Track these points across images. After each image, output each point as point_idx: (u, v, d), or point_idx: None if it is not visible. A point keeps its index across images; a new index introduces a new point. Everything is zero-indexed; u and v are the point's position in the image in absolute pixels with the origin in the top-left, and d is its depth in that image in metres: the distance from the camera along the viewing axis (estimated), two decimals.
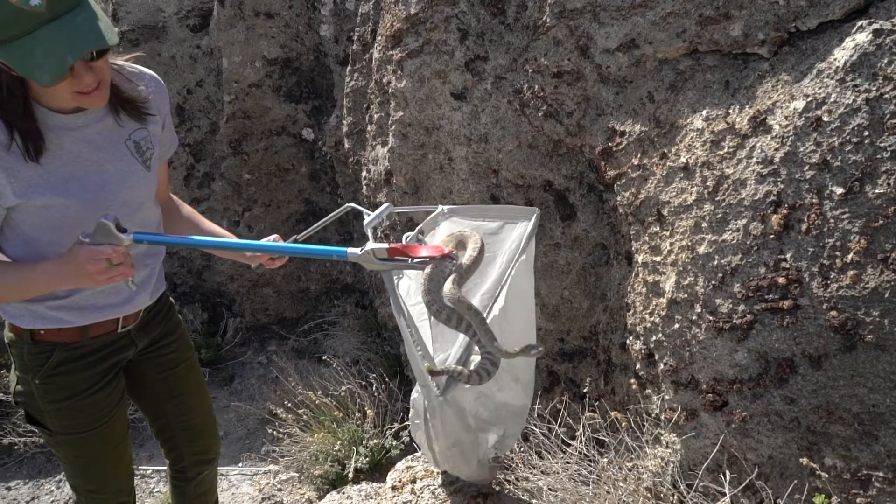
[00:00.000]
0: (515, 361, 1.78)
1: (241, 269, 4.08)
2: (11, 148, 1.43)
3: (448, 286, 1.54)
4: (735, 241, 1.76)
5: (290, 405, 2.99)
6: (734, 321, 1.77)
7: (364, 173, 3.05)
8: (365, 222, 1.81)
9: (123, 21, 3.84)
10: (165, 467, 2.16)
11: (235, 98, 3.71)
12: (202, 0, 3.82)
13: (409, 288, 1.89)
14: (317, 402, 2.97)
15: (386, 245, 1.54)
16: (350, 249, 1.55)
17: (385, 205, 1.81)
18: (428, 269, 1.56)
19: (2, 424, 3.55)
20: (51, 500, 3.35)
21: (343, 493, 2.66)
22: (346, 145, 3.21)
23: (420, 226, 1.88)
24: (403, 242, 1.81)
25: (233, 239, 1.72)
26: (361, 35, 3.03)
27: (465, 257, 1.61)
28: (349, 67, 3.12)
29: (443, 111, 2.47)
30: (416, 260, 1.56)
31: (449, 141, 2.48)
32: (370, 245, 1.53)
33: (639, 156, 2.03)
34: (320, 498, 2.86)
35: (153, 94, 1.68)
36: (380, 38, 2.71)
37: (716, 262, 1.80)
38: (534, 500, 2.18)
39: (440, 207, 1.90)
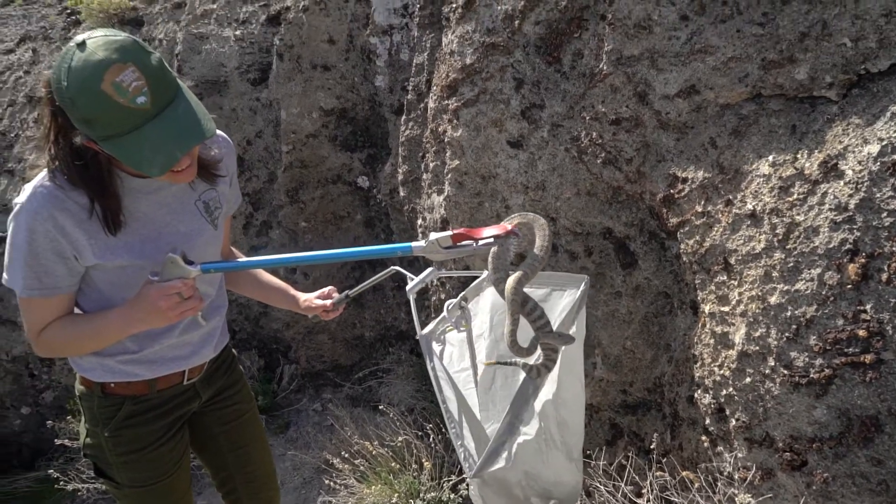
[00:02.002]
0: (567, 437, 1.71)
1: (298, 316, 4.11)
2: (92, 217, 1.48)
3: (510, 283, 1.49)
4: (809, 292, 1.68)
5: (346, 455, 2.96)
6: (811, 375, 1.68)
7: (420, 221, 3.06)
8: (408, 287, 1.77)
9: (188, 76, 3.99)
10: None
11: (293, 148, 3.79)
12: (262, 54, 3.94)
13: (452, 355, 1.83)
14: (373, 452, 2.94)
15: (449, 232, 1.51)
16: (414, 243, 1.53)
17: (429, 269, 1.77)
18: (493, 250, 1.52)
19: (66, 470, 3.61)
20: None
21: None
22: (402, 193, 3.23)
23: (464, 293, 1.84)
24: (446, 310, 1.77)
25: (293, 255, 1.68)
26: (416, 85, 3.07)
27: (537, 247, 1.53)
28: (404, 117, 3.16)
29: (499, 159, 2.47)
30: (481, 242, 1.51)
31: (505, 189, 2.47)
32: (434, 235, 1.50)
33: (702, 203, 1.97)
34: None
35: (224, 155, 1.73)
36: (435, 87, 2.74)
37: (789, 314, 1.72)
38: None
39: (485, 272, 1.82)
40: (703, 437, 2.00)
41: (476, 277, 1.86)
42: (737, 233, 1.87)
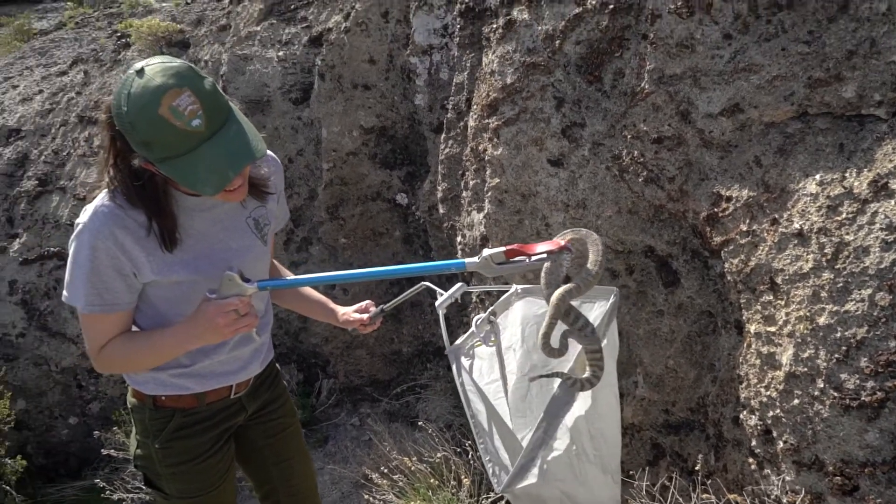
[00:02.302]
0: (603, 450, 1.69)
1: (336, 331, 4.16)
2: (150, 235, 1.54)
3: (559, 291, 1.49)
4: (860, 312, 1.66)
5: (385, 470, 2.98)
6: (863, 398, 1.64)
7: (459, 238, 3.08)
8: (437, 303, 1.78)
9: (233, 96, 4.09)
10: None
11: (333, 166, 3.85)
12: (304, 74, 4.02)
13: (482, 368, 1.82)
14: (412, 468, 2.95)
15: (503, 248, 1.51)
16: (468, 260, 1.54)
17: (458, 284, 1.78)
18: (546, 265, 1.52)
19: (112, 480, 3.69)
20: None
21: None
22: (441, 210, 3.26)
23: (492, 307, 1.83)
24: (475, 325, 1.76)
25: (344, 272, 1.77)
26: (456, 104, 3.10)
27: (590, 262, 1.53)
28: (444, 135, 3.19)
29: (539, 177, 2.48)
30: (534, 258, 1.51)
31: (546, 207, 2.48)
32: (487, 251, 1.51)
33: (747, 221, 1.96)
34: None
35: (273, 174, 1.78)
36: (475, 106, 2.77)
37: (839, 335, 1.70)
38: None
39: (514, 287, 1.83)
40: (750, 459, 1.97)
41: (505, 291, 1.85)
42: (783, 252, 1.85)
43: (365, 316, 1.95)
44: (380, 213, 3.95)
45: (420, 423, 3.19)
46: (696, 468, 2.14)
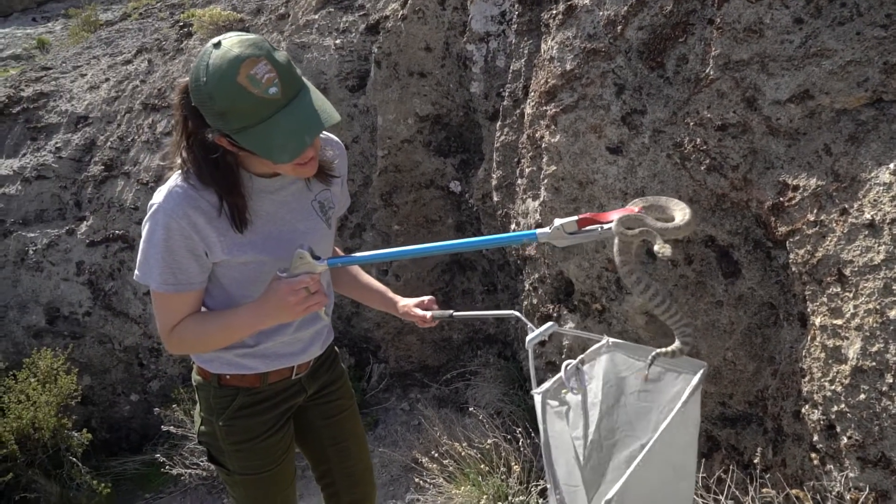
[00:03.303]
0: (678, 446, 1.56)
1: (388, 317, 4.21)
2: (221, 215, 1.58)
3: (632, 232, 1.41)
4: None
5: (435, 455, 3.01)
6: None
7: (513, 226, 3.08)
8: (528, 339, 1.68)
9: None
10: None
11: (388, 153, 3.89)
12: (360, 62, 4.06)
13: (569, 416, 1.67)
14: (462, 453, 2.97)
15: (576, 217, 1.48)
16: (539, 231, 1.51)
17: (549, 323, 1.68)
18: (617, 239, 1.45)
19: (171, 455, 3.82)
20: None
21: None
22: (495, 198, 3.26)
23: (582, 356, 1.74)
24: (564, 370, 1.67)
25: (411, 247, 1.69)
26: (512, 91, 3.09)
27: (677, 219, 1.43)
28: (499, 122, 3.19)
29: (597, 165, 2.46)
30: (606, 226, 1.46)
31: (603, 195, 2.45)
32: (559, 221, 1.48)
33: (815, 211, 1.91)
34: None
35: (337, 157, 1.81)
36: (533, 93, 2.76)
37: None
38: None
39: (605, 339, 1.74)
40: (812, 455, 1.93)
41: (596, 341, 1.76)
42: (853, 243, 1.80)
43: (428, 314, 1.90)
44: (433, 201, 3.97)
45: (470, 409, 3.21)
46: (755, 461, 2.10)
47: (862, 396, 1.75)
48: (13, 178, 5.08)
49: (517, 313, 1.84)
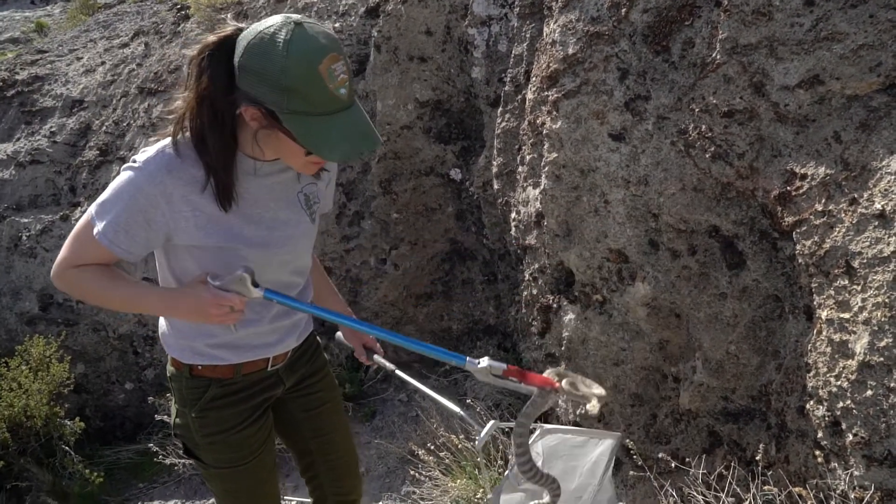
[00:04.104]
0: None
1: (386, 307, 4.16)
2: (205, 192, 1.51)
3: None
4: None
5: (431, 447, 2.96)
6: None
7: (513, 214, 3.02)
8: (477, 442, 1.78)
9: None
10: (310, 501, 2.19)
11: (387, 139, 3.82)
12: (360, 46, 3.99)
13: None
14: (459, 445, 2.92)
15: (504, 365, 1.57)
16: (470, 360, 1.59)
17: (491, 423, 1.76)
18: (534, 396, 1.60)
19: (165, 445, 3.78)
20: None
21: None
22: (496, 186, 3.20)
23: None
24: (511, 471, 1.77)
25: (354, 320, 1.73)
26: (514, 76, 3.02)
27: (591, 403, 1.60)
28: (501, 108, 3.12)
29: (600, 152, 2.39)
30: (525, 386, 1.60)
31: (605, 183, 2.39)
32: (488, 361, 1.57)
33: (823, 201, 1.84)
34: None
35: None
36: (534, 78, 2.69)
37: None
38: None
39: (542, 426, 1.84)
40: (816, 452, 1.87)
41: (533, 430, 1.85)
42: (862, 234, 1.74)
43: (363, 357, 2.07)
44: (433, 189, 3.91)
45: (468, 401, 3.16)
46: (757, 458, 2.05)
47: (869, 392, 1.70)
48: (7, 163, 5.02)
49: (462, 413, 1.94)
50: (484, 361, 1.56)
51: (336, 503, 2.11)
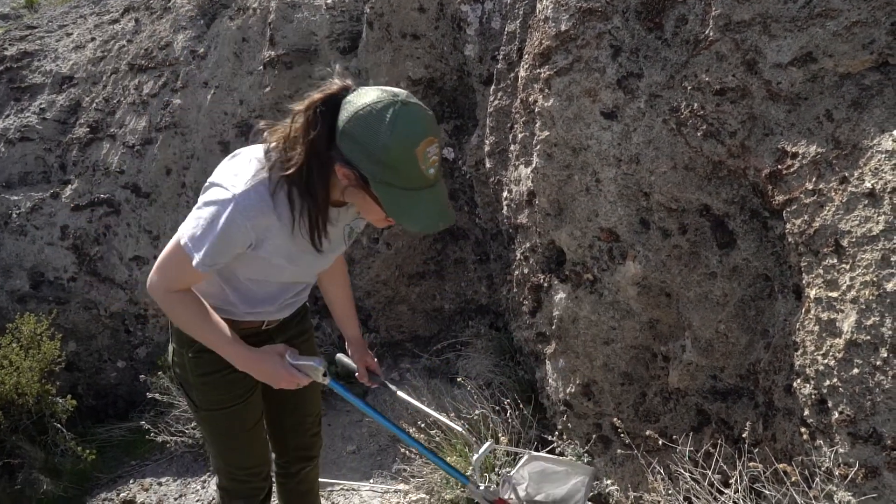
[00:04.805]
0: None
1: (378, 286, 4.15)
2: (294, 232, 1.65)
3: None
4: None
5: (422, 425, 2.97)
6: None
7: (505, 193, 3.01)
8: (472, 460, 1.99)
9: (279, 45, 4.05)
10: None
11: None
12: (352, 23, 3.94)
13: None
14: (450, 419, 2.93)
15: (498, 497, 1.88)
16: (472, 483, 1.88)
17: (488, 443, 2.02)
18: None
19: (157, 423, 3.79)
20: (196, 499, 3.52)
21: None
22: (488, 165, 3.18)
23: (511, 472, 2.03)
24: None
25: (369, 407, 1.98)
26: (507, 54, 2.99)
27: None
28: (493, 86, 3.10)
29: (591, 130, 2.38)
30: None
31: (597, 161, 2.38)
32: (484, 488, 1.88)
33: (814, 180, 1.84)
34: None
35: None
36: (527, 56, 2.66)
37: None
38: None
39: (528, 454, 2.06)
40: (802, 429, 1.88)
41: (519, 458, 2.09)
42: (851, 213, 1.73)
43: (365, 378, 2.21)
44: None
45: (459, 380, 3.17)
46: (743, 436, 2.06)
47: (855, 371, 1.70)
48: None
49: (460, 429, 2.12)
50: (481, 487, 1.87)
51: (297, 458, 2.27)
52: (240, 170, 1.62)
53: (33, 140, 4.89)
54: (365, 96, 1.49)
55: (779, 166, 1.93)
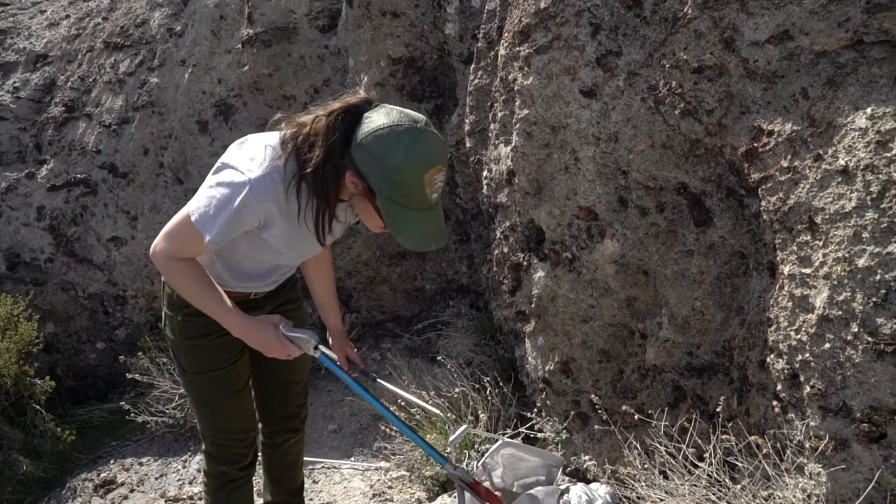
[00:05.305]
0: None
1: (359, 266, 4.15)
2: (299, 221, 1.73)
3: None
4: None
5: (403, 404, 2.99)
6: None
7: (485, 173, 3.01)
8: (450, 440, 2.02)
9: (257, 23, 4.00)
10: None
11: None
12: (332, 1, 3.90)
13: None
14: (430, 402, 2.95)
15: (475, 480, 1.92)
16: (450, 464, 1.92)
17: (463, 427, 2.06)
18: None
19: (137, 403, 3.78)
20: (177, 479, 3.52)
21: (454, 497, 2.62)
22: (468, 144, 3.17)
23: (483, 459, 2.10)
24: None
25: (364, 391, 1.99)
26: (487, 32, 2.98)
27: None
28: (473, 65, 3.08)
29: (570, 109, 2.38)
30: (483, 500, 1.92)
31: (576, 140, 2.38)
32: (463, 469, 1.91)
33: (789, 157, 1.86)
34: (430, 499, 2.83)
35: None
36: (507, 34, 2.65)
37: (878, 278, 1.62)
38: None
39: (501, 440, 2.15)
40: (774, 403, 1.91)
41: (496, 441, 2.17)
42: (825, 190, 1.75)
43: (344, 370, 2.14)
44: None
45: (440, 359, 3.18)
46: (718, 411, 2.09)
47: (826, 346, 1.73)
48: None
49: (440, 413, 2.26)
50: (459, 469, 1.91)
51: (282, 429, 2.32)
52: (256, 154, 1.69)
53: (7, 119, 4.80)
54: (386, 116, 1.59)
55: (755, 144, 1.94)
